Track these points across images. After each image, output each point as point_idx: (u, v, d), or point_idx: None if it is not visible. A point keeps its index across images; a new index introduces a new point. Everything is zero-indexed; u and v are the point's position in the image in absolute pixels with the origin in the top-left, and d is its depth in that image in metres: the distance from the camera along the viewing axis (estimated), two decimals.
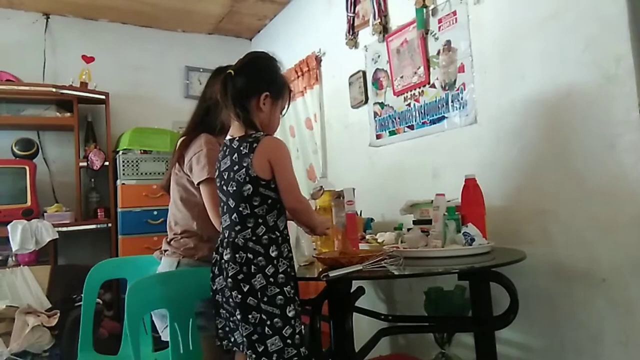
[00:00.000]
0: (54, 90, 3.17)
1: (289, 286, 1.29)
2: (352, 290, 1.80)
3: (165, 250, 1.71)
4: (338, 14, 2.94)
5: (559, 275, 1.70)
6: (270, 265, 1.27)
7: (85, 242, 3.36)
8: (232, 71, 1.37)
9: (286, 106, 1.48)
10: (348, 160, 2.91)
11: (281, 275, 1.28)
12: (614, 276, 1.54)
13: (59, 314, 2.48)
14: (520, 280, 1.57)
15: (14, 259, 2.89)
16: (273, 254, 1.28)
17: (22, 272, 2.74)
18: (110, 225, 3.31)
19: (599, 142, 1.57)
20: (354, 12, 2.81)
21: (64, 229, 3.09)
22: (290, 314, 1.27)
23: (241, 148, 1.33)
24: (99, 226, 3.29)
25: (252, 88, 1.37)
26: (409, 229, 1.90)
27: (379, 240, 1.90)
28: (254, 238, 1.29)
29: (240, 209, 1.32)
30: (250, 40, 4.27)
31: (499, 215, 1.83)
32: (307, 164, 3.29)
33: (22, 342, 2.33)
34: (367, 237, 2.00)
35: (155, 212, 3.24)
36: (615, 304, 1.54)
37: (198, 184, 1.62)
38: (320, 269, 1.49)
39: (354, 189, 1.84)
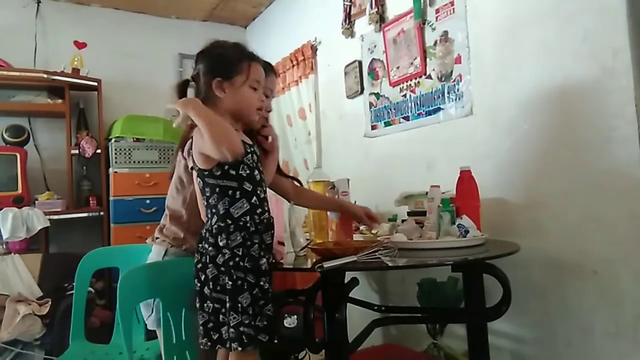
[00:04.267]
0: (45, 76, 3.12)
1: (235, 276, 1.25)
2: (346, 281, 1.80)
3: (157, 238, 1.70)
4: (334, 2, 2.91)
5: (551, 268, 1.71)
6: (220, 255, 1.28)
7: (76, 230, 3.34)
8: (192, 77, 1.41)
9: (254, 77, 1.37)
10: (342, 150, 2.90)
11: (231, 263, 1.26)
12: (605, 268, 1.55)
13: (50, 303, 2.46)
14: (513, 272, 1.58)
15: (4, 246, 2.86)
16: (221, 243, 1.27)
17: (13, 260, 2.72)
18: (102, 213, 3.28)
19: (594, 135, 1.57)
20: (350, 0, 2.78)
21: (56, 217, 3.05)
22: (239, 304, 1.24)
23: (192, 142, 1.34)
24: (91, 214, 3.26)
25: (203, 83, 1.38)
26: (403, 221, 1.90)
27: (373, 232, 1.90)
28: (209, 228, 1.32)
29: (203, 202, 1.35)
30: (245, 28, 4.23)
31: (493, 208, 1.83)
32: (303, 154, 3.27)
33: (13, 331, 2.31)
34: (361, 228, 2.00)
35: (147, 201, 3.21)
36: (606, 296, 1.56)
37: (191, 168, 1.60)
38: (314, 260, 1.48)
39: (348, 180, 1.84)
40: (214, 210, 1.30)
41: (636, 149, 1.46)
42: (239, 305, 1.24)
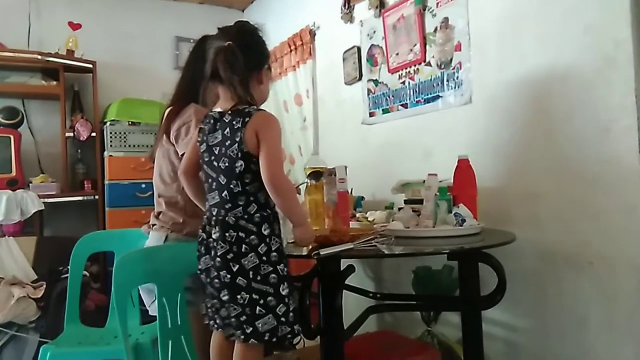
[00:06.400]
0: (39, 57, 3.08)
1: (282, 264, 1.28)
2: (342, 268, 1.80)
3: (154, 225, 1.69)
4: None
5: (547, 258, 1.71)
6: (263, 244, 1.26)
7: (71, 213, 3.32)
8: (231, 43, 1.28)
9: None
10: (340, 137, 2.89)
11: (274, 254, 1.27)
12: (601, 260, 1.56)
13: (45, 286, 2.46)
14: (509, 262, 1.58)
15: None
16: (265, 232, 1.27)
17: (8, 242, 2.70)
18: (97, 197, 3.27)
19: (594, 126, 1.57)
20: None
21: (50, 200, 3.04)
22: (283, 292, 1.27)
23: (233, 122, 1.29)
24: (85, 198, 3.25)
25: (256, 62, 1.34)
26: (400, 209, 1.90)
27: (369, 219, 1.89)
28: (245, 216, 1.27)
29: (232, 186, 1.29)
30: (243, 11, 4.17)
31: (491, 197, 1.82)
32: (298, 141, 3.26)
33: (8, 313, 2.31)
34: (358, 215, 2.00)
35: (143, 185, 3.20)
36: (601, 288, 1.56)
37: (181, 155, 1.58)
38: (311, 247, 1.48)
39: (346, 167, 1.83)
40: (251, 198, 1.28)
41: (635, 141, 1.45)
42: (281, 295, 1.27)
